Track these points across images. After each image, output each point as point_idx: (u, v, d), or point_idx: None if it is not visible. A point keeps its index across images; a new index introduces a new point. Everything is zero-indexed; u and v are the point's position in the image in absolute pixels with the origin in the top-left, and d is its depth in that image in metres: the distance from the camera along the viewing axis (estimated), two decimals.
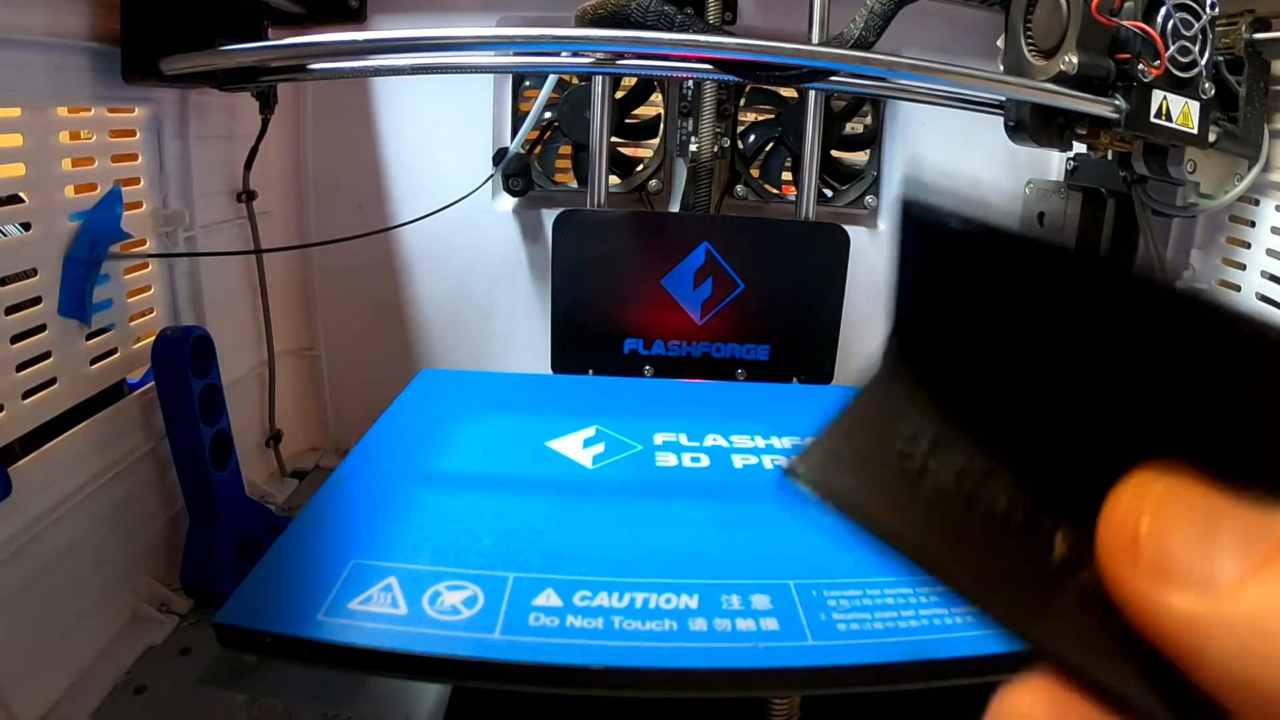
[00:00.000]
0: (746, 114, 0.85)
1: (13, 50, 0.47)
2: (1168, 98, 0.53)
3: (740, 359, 0.77)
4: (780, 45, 0.51)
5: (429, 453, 0.55)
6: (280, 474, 0.82)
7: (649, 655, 0.36)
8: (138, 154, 0.60)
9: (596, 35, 0.51)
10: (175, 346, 0.56)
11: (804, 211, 0.77)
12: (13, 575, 0.47)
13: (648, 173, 0.83)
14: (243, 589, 0.39)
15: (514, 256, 0.85)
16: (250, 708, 0.49)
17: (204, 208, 0.67)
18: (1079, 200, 0.72)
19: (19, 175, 0.48)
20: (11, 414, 0.47)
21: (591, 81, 0.74)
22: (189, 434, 0.57)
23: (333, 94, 0.80)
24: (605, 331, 0.76)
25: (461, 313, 0.86)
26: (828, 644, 0.37)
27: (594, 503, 0.49)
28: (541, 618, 0.38)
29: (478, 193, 0.79)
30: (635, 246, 0.75)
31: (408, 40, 0.51)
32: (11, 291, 0.48)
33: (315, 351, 0.87)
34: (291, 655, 0.37)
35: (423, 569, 0.41)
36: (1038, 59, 0.56)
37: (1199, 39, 0.53)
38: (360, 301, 0.85)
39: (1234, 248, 0.63)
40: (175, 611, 0.59)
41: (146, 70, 0.53)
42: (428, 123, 0.81)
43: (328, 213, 0.82)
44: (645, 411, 0.64)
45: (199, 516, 0.59)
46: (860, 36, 0.52)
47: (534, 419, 0.61)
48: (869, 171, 0.86)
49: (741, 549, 0.45)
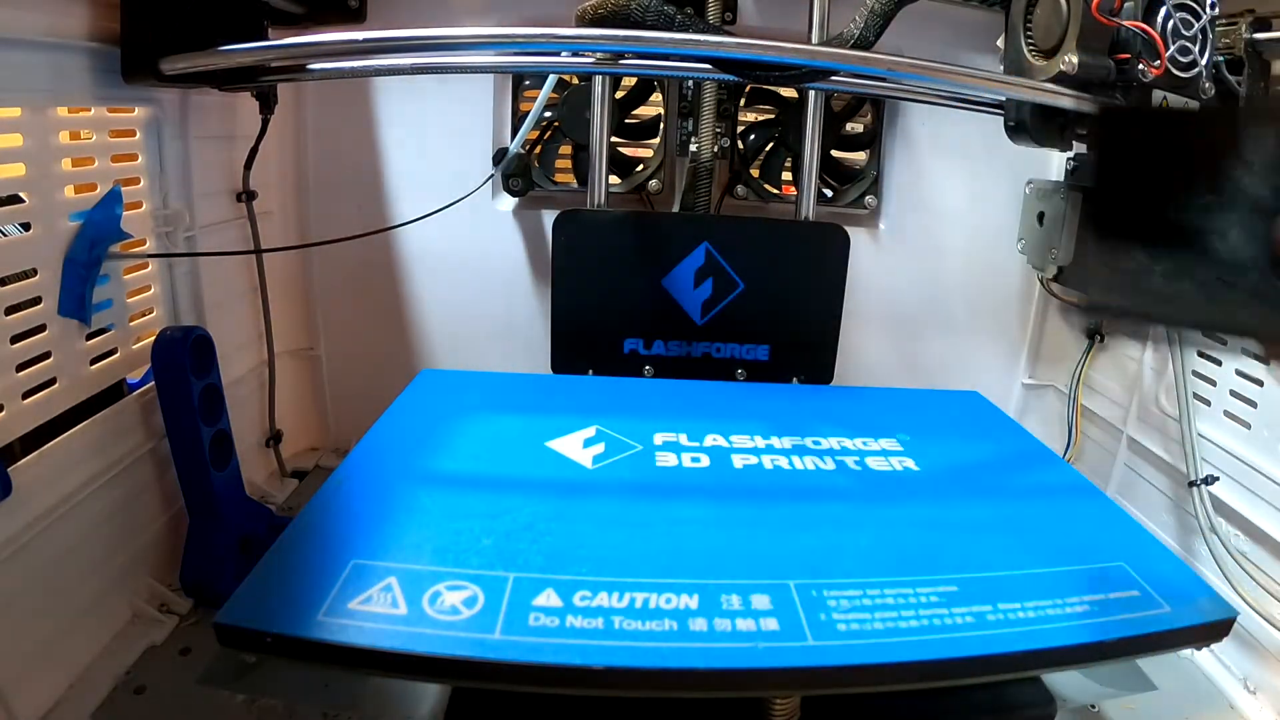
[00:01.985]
0: (746, 114, 0.85)
1: (13, 50, 0.47)
2: (1168, 98, 0.53)
3: (740, 359, 0.77)
4: (780, 45, 0.51)
5: (429, 453, 0.55)
6: (280, 474, 0.82)
7: (649, 655, 0.36)
8: (138, 154, 0.60)
9: (596, 35, 0.51)
10: (175, 346, 0.56)
11: (804, 211, 0.77)
12: (13, 575, 0.47)
13: (648, 173, 0.83)
14: (243, 589, 0.39)
15: (514, 256, 0.85)
16: (250, 708, 0.49)
17: (204, 208, 0.67)
18: (1079, 200, 0.72)
19: (19, 175, 0.48)
20: (11, 414, 0.47)
21: (591, 81, 0.74)
22: (189, 434, 0.57)
23: (333, 94, 0.80)
24: (605, 331, 0.76)
25: (461, 313, 0.86)
26: (828, 644, 0.37)
27: (594, 503, 0.49)
28: (541, 618, 0.38)
29: (478, 193, 0.79)
30: (635, 246, 0.75)
31: (408, 40, 0.51)
32: (11, 291, 0.48)
33: (315, 351, 0.87)
34: (291, 655, 0.37)
35: (423, 569, 0.41)
36: (1038, 59, 0.56)
37: (1199, 39, 0.53)
38: (360, 301, 0.85)
39: None
40: (175, 611, 0.59)
41: (146, 70, 0.53)
42: (428, 123, 0.81)
43: (328, 213, 0.82)
44: (645, 411, 0.64)
45: (199, 516, 0.59)
46: (860, 36, 0.52)
47: (534, 419, 0.61)
48: (869, 171, 0.86)
49: (741, 549, 0.45)
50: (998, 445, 0.63)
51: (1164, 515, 0.69)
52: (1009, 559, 0.45)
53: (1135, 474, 0.73)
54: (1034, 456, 0.61)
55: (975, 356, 0.90)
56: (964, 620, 0.39)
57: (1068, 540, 0.48)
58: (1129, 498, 0.73)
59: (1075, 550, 0.46)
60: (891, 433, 0.62)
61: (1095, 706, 0.52)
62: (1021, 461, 0.60)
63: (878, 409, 0.68)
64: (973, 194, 0.85)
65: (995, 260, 0.86)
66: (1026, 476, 0.57)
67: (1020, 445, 0.63)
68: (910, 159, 0.85)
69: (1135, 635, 0.40)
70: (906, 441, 0.60)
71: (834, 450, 0.58)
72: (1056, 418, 0.85)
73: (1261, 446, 0.59)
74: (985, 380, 0.89)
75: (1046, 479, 0.57)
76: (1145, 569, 0.45)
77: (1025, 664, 0.39)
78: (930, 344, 0.90)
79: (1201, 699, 0.57)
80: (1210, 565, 0.60)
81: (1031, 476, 0.57)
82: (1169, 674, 0.57)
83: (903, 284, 0.88)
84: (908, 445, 0.60)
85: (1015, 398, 0.91)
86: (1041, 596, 0.41)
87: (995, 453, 0.61)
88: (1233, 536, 0.60)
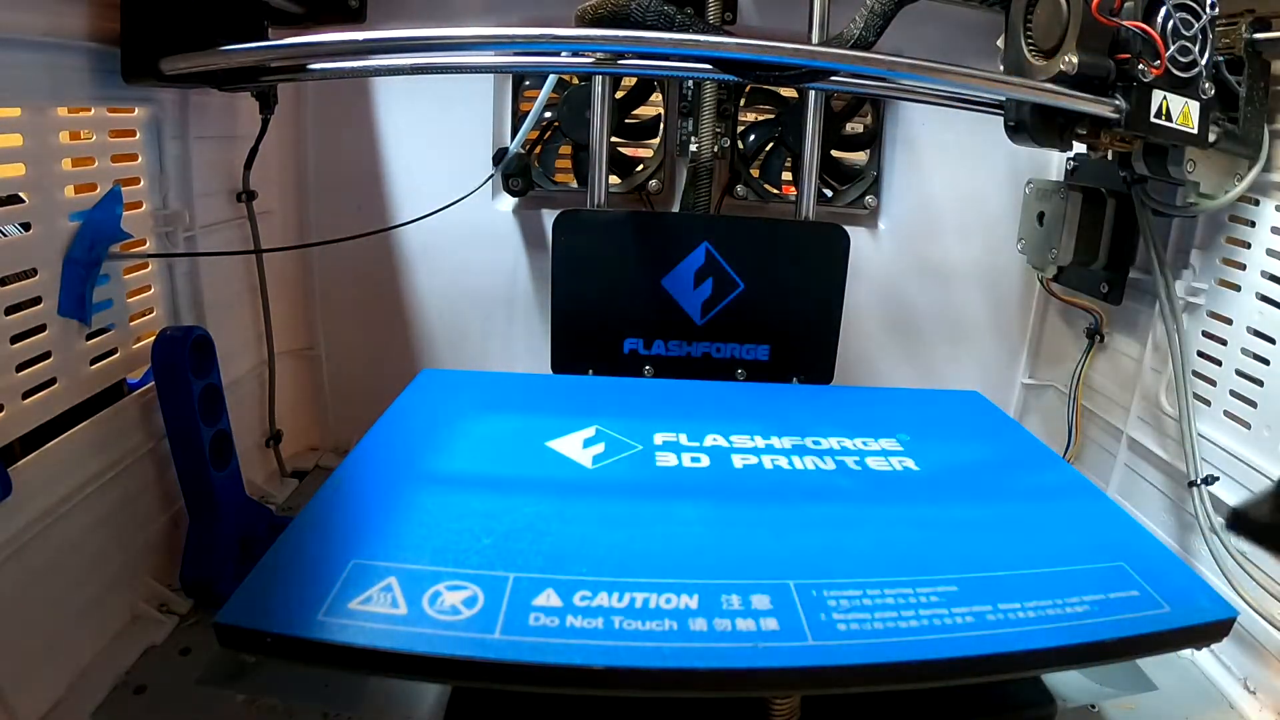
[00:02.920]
0: (746, 114, 0.85)
1: (13, 50, 0.47)
2: (1168, 98, 0.53)
3: (740, 359, 0.77)
4: (780, 45, 0.51)
5: (429, 453, 0.55)
6: (280, 474, 0.82)
7: (649, 655, 0.36)
8: (138, 154, 0.60)
9: (596, 35, 0.51)
10: (175, 346, 0.56)
11: (804, 211, 0.77)
12: (13, 575, 0.47)
13: (648, 173, 0.83)
14: (243, 589, 0.39)
15: (514, 256, 0.85)
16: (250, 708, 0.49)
17: (204, 208, 0.66)
18: (1079, 200, 0.72)
19: (19, 175, 0.48)
20: (11, 414, 0.47)
21: (591, 81, 0.74)
22: (189, 434, 0.57)
23: (333, 94, 0.80)
24: (605, 331, 0.76)
25: (461, 313, 0.86)
26: (828, 644, 0.37)
27: (594, 503, 0.49)
28: (541, 618, 0.38)
29: (478, 193, 0.79)
30: (635, 246, 0.75)
31: (408, 40, 0.51)
32: (11, 291, 0.48)
33: (315, 351, 0.87)
34: (291, 655, 0.37)
35: (423, 569, 0.41)
36: (1038, 59, 0.56)
37: (1199, 39, 0.53)
38: (360, 301, 0.85)
39: (1234, 248, 0.63)
40: (175, 611, 0.59)
41: (146, 70, 0.53)
42: (428, 122, 0.81)
43: (328, 213, 0.82)
44: (645, 411, 0.64)
45: (199, 516, 0.59)
46: (860, 36, 0.52)
47: (534, 419, 0.61)
48: (869, 171, 0.86)
49: (741, 549, 0.45)
50: (998, 445, 0.63)
51: (1164, 515, 0.68)
52: (1009, 559, 0.45)
53: (1135, 474, 0.73)
54: (1034, 456, 0.61)
55: (975, 356, 0.90)
56: (964, 620, 0.39)
57: (1067, 540, 0.48)
58: (1129, 498, 0.73)
59: (1075, 550, 0.47)
60: (891, 433, 0.62)
61: (1095, 706, 0.52)
62: (1021, 461, 0.60)
63: (878, 409, 0.68)
64: (973, 194, 0.85)
65: (995, 260, 0.86)
66: (1026, 476, 0.58)
67: (1020, 445, 0.63)
68: (910, 159, 0.85)
69: (1135, 635, 0.40)
70: (906, 441, 0.60)
71: (834, 450, 0.58)
72: (1056, 418, 0.85)
73: (1261, 446, 0.59)
74: (985, 380, 0.89)
75: (1046, 479, 0.57)
76: (1145, 569, 0.45)
77: (1025, 664, 0.39)
78: (930, 344, 0.90)
79: (1201, 699, 0.57)
80: (1210, 565, 0.60)
81: (1031, 476, 0.58)
82: (1169, 674, 0.57)
83: (903, 284, 0.88)
84: (908, 445, 0.60)
85: (1015, 398, 0.92)
86: (1041, 596, 0.41)
87: (995, 453, 0.61)
88: (1233, 536, 0.60)
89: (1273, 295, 0.60)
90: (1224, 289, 0.64)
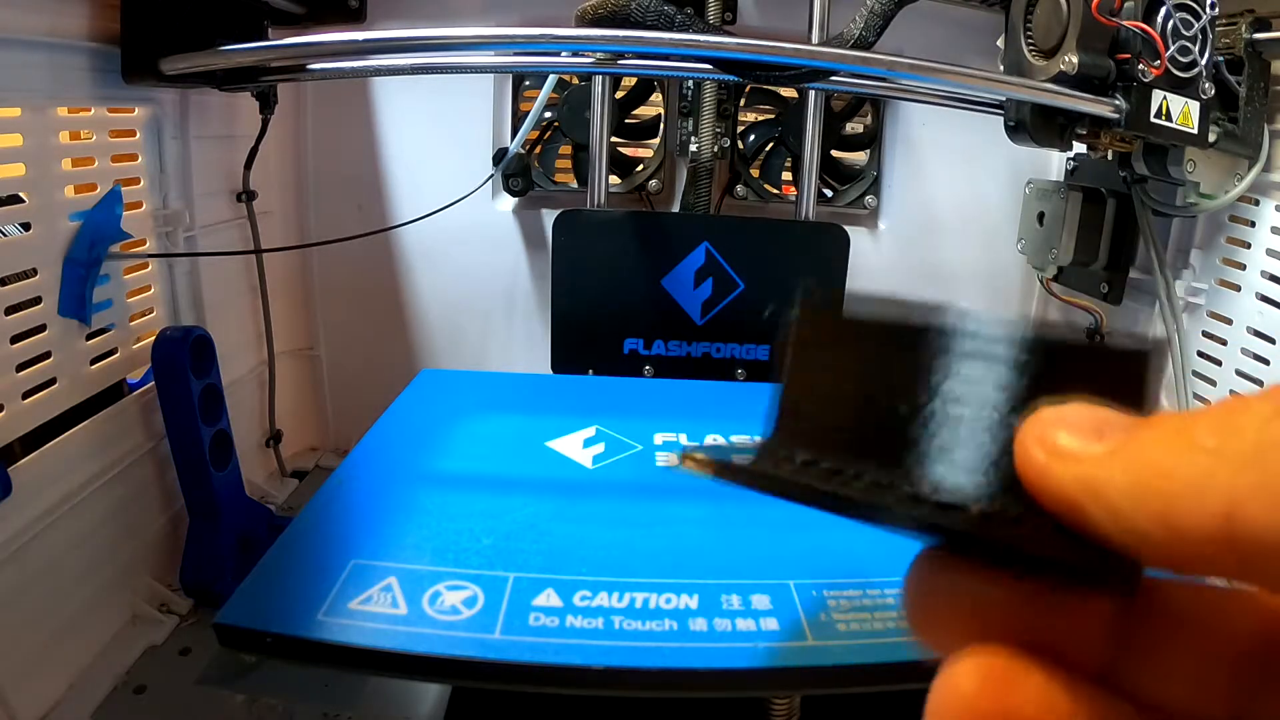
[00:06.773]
0: (746, 114, 0.85)
1: (13, 50, 0.47)
2: (1168, 98, 0.53)
3: (740, 359, 0.77)
4: (780, 45, 0.51)
5: (429, 453, 0.55)
6: (280, 474, 0.82)
7: (649, 655, 0.36)
8: (138, 154, 0.60)
9: (596, 35, 0.51)
10: (175, 346, 0.56)
11: (804, 211, 0.77)
12: (13, 575, 0.47)
13: (648, 173, 0.83)
14: (243, 589, 0.39)
15: (514, 256, 0.85)
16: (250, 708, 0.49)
17: (204, 208, 0.67)
18: (1079, 200, 0.72)
19: (19, 175, 0.48)
20: (11, 414, 0.47)
21: (591, 81, 0.74)
22: (189, 434, 0.57)
23: (333, 94, 0.80)
24: (605, 331, 0.76)
25: (461, 312, 0.86)
26: (828, 644, 0.37)
27: (594, 503, 0.49)
28: (541, 618, 0.38)
29: (478, 193, 0.79)
30: (635, 246, 0.75)
31: (408, 40, 0.51)
32: (11, 291, 0.48)
33: (315, 351, 0.87)
34: (291, 655, 0.37)
35: (423, 569, 0.41)
36: (1038, 59, 0.56)
37: (1199, 39, 0.53)
38: (360, 302, 0.85)
39: (1234, 248, 0.63)
40: (175, 611, 0.59)
41: (146, 70, 0.53)
42: (428, 123, 0.81)
43: (328, 213, 0.82)
44: (645, 411, 0.64)
45: (199, 516, 0.59)
46: (860, 36, 0.52)
47: (534, 419, 0.61)
48: (869, 171, 0.86)
49: (741, 549, 0.45)
50: None
51: None
52: None
53: None
54: None
55: None
56: None
57: None
58: None
59: None
60: None
61: None
62: None
63: None
64: (973, 194, 0.85)
65: (995, 260, 0.86)
66: None
67: None
68: (910, 159, 0.85)
69: None
70: None
71: None
72: None
73: None
74: None
75: None
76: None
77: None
78: None
79: None
80: None
81: None
82: None
83: (903, 284, 0.88)
84: None
85: None
86: None
87: None
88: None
89: (1273, 295, 0.60)
90: (1224, 289, 0.64)
